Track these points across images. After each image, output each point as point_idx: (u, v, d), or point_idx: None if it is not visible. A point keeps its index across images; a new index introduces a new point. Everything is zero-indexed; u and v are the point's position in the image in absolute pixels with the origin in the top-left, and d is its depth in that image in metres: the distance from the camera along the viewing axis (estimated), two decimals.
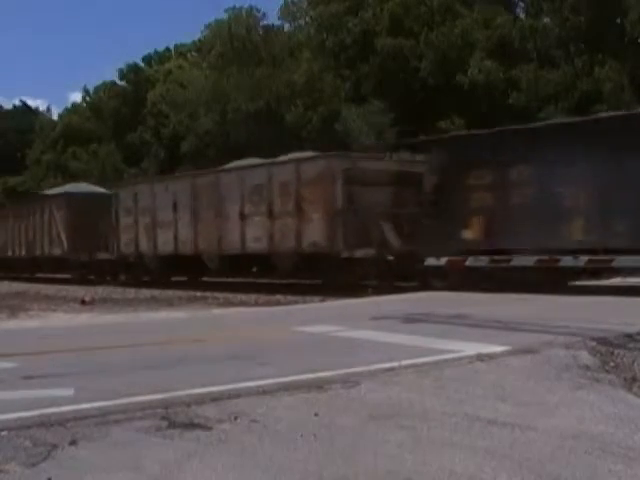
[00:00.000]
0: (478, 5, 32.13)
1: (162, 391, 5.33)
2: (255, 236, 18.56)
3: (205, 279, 22.98)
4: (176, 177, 22.67)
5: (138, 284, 21.59)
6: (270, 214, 18.16)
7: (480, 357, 6.50)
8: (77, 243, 25.50)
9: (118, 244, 23.51)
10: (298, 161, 18.47)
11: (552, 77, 27.71)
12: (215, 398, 5.13)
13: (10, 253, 30.71)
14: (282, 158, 20.26)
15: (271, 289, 18.30)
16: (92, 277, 25.38)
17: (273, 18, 45.36)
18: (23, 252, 29.55)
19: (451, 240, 14.79)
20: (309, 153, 20.63)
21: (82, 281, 24.53)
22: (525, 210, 14.09)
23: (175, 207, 21.06)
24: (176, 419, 4.65)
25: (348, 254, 16.41)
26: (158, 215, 21.75)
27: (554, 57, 28.86)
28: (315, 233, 17.19)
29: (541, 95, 27.48)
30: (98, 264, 25.12)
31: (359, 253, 16.33)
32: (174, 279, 22.37)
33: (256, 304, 15.81)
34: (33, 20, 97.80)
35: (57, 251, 26.86)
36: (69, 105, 56.87)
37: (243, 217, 18.83)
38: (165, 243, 21.56)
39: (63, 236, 26.35)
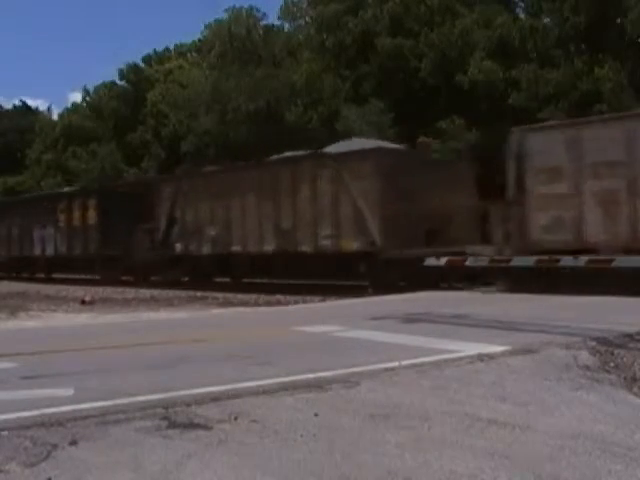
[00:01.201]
0: (478, 5, 32.11)
1: (162, 391, 5.33)
2: None
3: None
4: None
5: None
6: None
7: (480, 357, 6.50)
8: (396, 231, 16.31)
9: (524, 230, 14.66)
10: None
11: (552, 77, 27.66)
12: (215, 398, 5.13)
13: (238, 248, 20.01)
14: None
15: (271, 289, 18.29)
16: (445, 284, 15.95)
17: (273, 18, 45.56)
18: (270, 246, 19.10)
19: None
20: None
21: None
22: None
23: None
24: (176, 419, 4.65)
25: None
26: None
27: (554, 57, 28.81)
28: None
29: (541, 95, 27.43)
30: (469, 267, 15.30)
31: None
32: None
33: (256, 304, 15.83)
34: (33, 20, 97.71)
35: (353, 245, 17.22)
36: (69, 105, 56.83)
37: None
38: None
39: (370, 220, 16.75)
